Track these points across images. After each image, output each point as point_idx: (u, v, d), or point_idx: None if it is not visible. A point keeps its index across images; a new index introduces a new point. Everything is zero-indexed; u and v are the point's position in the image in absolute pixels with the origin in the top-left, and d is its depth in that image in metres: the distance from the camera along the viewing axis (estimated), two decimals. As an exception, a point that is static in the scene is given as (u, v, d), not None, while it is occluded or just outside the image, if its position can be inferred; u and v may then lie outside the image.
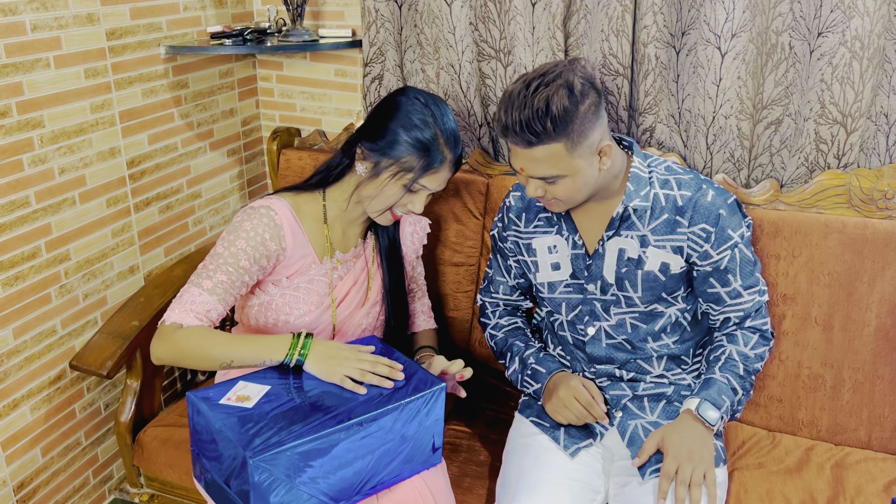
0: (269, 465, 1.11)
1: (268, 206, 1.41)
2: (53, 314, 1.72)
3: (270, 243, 1.39)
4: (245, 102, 2.24)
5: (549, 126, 1.25)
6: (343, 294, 1.50)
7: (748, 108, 1.69)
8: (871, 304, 1.57)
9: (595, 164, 1.33)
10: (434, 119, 1.39)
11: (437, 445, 1.33)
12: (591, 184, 1.35)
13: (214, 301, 1.34)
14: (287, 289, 1.45)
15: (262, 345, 1.32)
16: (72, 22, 1.64)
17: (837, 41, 1.56)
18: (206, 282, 1.35)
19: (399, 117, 1.39)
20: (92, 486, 1.92)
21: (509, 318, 1.66)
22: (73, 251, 1.75)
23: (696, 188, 1.40)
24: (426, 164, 1.38)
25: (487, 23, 1.83)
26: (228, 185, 2.23)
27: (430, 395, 1.26)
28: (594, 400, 1.45)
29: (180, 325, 1.32)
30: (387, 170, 1.39)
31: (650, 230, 1.41)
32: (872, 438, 1.59)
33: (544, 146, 1.27)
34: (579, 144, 1.28)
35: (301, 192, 1.50)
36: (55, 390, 1.76)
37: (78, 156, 1.72)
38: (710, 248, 1.39)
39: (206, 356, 1.31)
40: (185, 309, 1.33)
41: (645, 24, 1.69)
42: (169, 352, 1.33)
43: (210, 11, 2.03)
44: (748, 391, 1.45)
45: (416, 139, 1.38)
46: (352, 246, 1.54)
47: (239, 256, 1.37)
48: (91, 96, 1.72)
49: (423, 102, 1.41)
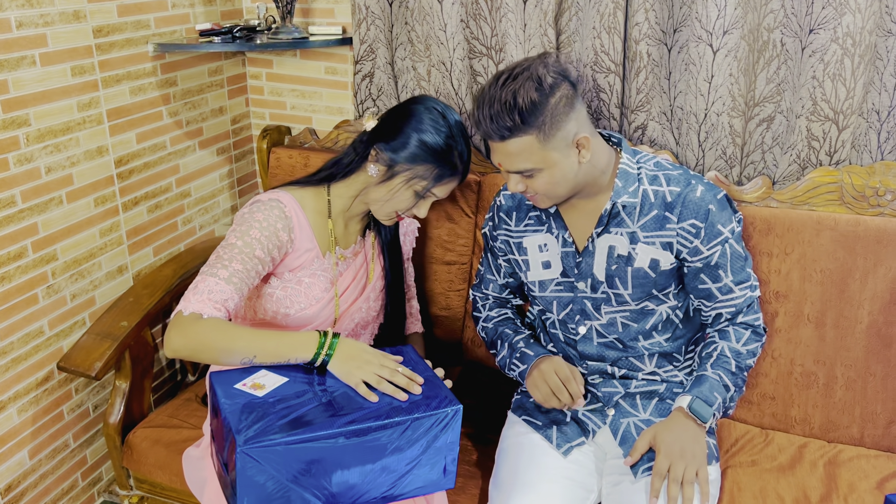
0: (258, 457, 1.09)
1: (276, 198, 1.41)
2: (40, 315, 1.70)
3: (282, 233, 1.39)
4: (235, 101, 2.22)
5: (517, 119, 1.26)
6: (343, 289, 1.51)
7: (740, 105, 1.68)
8: (864, 301, 1.57)
9: (573, 156, 1.33)
10: (450, 130, 1.42)
11: (449, 469, 1.28)
12: (570, 177, 1.34)
13: (231, 290, 1.29)
14: (289, 282, 1.44)
15: (288, 342, 1.28)
16: (58, 19, 1.63)
17: (829, 38, 1.56)
18: (223, 271, 1.30)
19: (417, 125, 1.41)
20: (81, 488, 1.90)
21: (499, 309, 1.66)
22: (61, 251, 1.73)
23: (686, 184, 1.40)
24: (440, 174, 1.41)
25: (479, 20, 1.82)
26: (218, 184, 2.22)
27: (442, 416, 1.22)
28: (573, 378, 1.44)
29: (200, 315, 1.25)
30: (401, 175, 1.41)
31: (639, 226, 1.41)
32: (865, 435, 1.59)
33: (516, 139, 1.28)
34: (552, 136, 1.28)
35: (305, 186, 1.49)
36: (43, 392, 1.74)
37: (65, 154, 1.70)
38: (700, 243, 1.39)
39: (228, 349, 1.25)
40: (203, 298, 1.26)
41: (637, 21, 1.68)
42: (188, 343, 1.25)
43: (199, 9, 2.01)
44: (740, 387, 1.45)
45: (433, 148, 1.40)
46: (352, 242, 1.55)
47: (254, 246, 1.34)
48: (78, 94, 1.70)
49: (440, 112, 1.43)
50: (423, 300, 1.91)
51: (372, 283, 1.56)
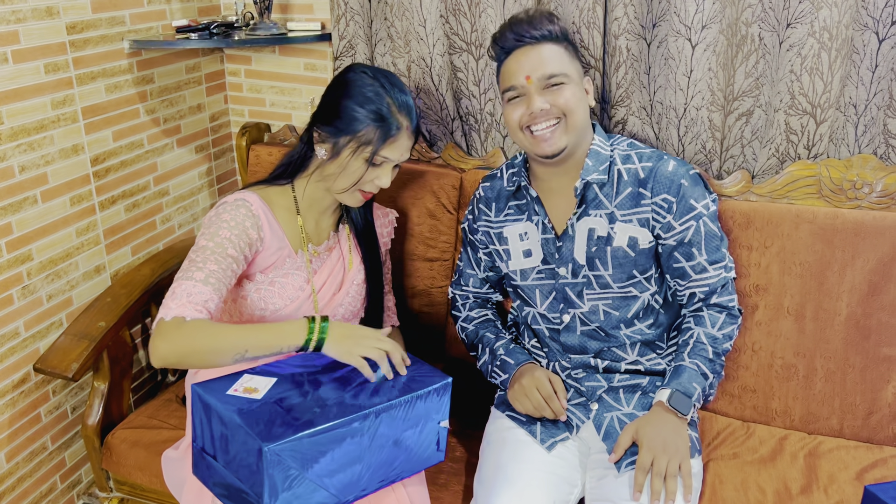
0: (284, 456, 1.10)
1: (242, 198, 1.39)
2: (16, 316, 1.68)
3: (252, 231, 1.37)
4: (213, 98, 2.20)
5: (556, 25, 1.39)
6: (320, 285, 1.49)
7: (719, 99, 1.69)
8: (842, 294, 1.58)
9: (585, 94, 1.43)
10: (384, 89, 1.39)
11: (441, 444, 1.32)
12: (583, 112, 1.40)
13: (210, 291, 1.26)
14: (262, 284, 1.42)
15: (277, 331, 1.25)
16: (30, 15, 1.60)
17: (806, 32, 1.57)
18: (198, 273, 1.27)
19: (349, 93, 1.39)
20: (59, 491, 1.87)
21: (479, 310, 1.66)
22: (36, 251, 1.70)
23: (658, 159, 1.43)
24: (384, 134, 1.37)
25: (458, 15, 1.81)
26: (197, 182, 2.19)
27: (437, 390, 1.26)
28: (556, 395, 1.45)
29: (183, 319, 1.21)
30: (346, 147, 1.38)
31: (616, 206, 1.42)
32: (844, 427, 1.60)
33: (552, 44, 1.39)
34: (576, 60, 1.42)
35: (269, 185, 1.48)
36: (19, 394, 1.71)
37: (39, 153, 1.67)
38: (673, 218, 1.40)
39: (219, 348, 1.21)
40: (183, 302, 1.23)
41: (616, 16, 1.68)
42: (176, 349, 1.20)
43: (175, 5, 1.99)
44: (719, 373, 1.46)
45: (369, 111, 1.37)
46: (325, 238, 1.53)
47: (225, 245, 1.32)
48: (52, 92, 1.67)
49: (370, 75, 1.41)
50: (404, 297, 1.91)
51: (351, 274, 1.54)
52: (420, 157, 1.97)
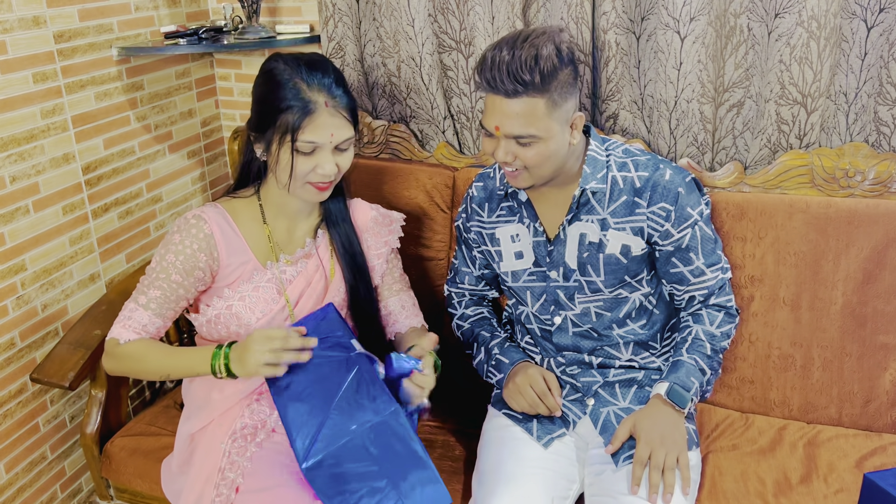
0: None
1: (199, 215, 1.38)
2: (11, 326, 1.67)
3: (200, 254, 1.36)
4: (204, 103, 2.20)
5: (536, 78, 1.24)
6: (296, 297, 1.43)
7: (710, 91, 1.69)
8: (837, 282, 1.58)
9: (567, 135, 1.33)
10: (290, 70, 1.32)
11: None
12: (560, 156, 1.34)
13: (150, 315, 1.37)
14: (232, 299, 1.39)
15: (192, 358, 1.33)
16: (17, 25, 1.59)
17: (794, 21, 1.56)
18: (142, 297, 1.38)
19: (259, 89, 1.36)
20: (60, 500, 1.87)
21: (475, 307, 1.66)
22: (30, 261, 1.70)
23: (654, 168, 1.40)
24: (299, 117, 1.30)
25: (447, 14, 1.81)
26: (190, 188, 2.19)
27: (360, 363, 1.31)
28: (550, 392, 1.45)
29: (118, 341, 1.36)
30: (273, 140, 1.33)
31: (609, 213, 1.41)
32: (843, 415, 1.60)
33: (527, 99, 1.25)
34: (558, 107, 1.28)
35: (234, 197, 1.46)
36: (17, 404, 1.71)
37: (29, 163, 1.66)
38: (671, 226, 1.39)
39: (145, 370, 1.37)
40: (124, 325, 1.37)
41: (604, 11, 1.68)
42: (115, 366, 1.39)
43: (163, 11, 1.98)
44: (716, 370, 1.46)
45: (281, 97, 1.31)
46: (298, 246, 1.47)
47: (169, 271, 1.36)
48: (41, 101, 1.67)
49: (283, 62, 1.34)
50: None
51: (335, 283, 1.48)
52: (412, 156, 1.97)
